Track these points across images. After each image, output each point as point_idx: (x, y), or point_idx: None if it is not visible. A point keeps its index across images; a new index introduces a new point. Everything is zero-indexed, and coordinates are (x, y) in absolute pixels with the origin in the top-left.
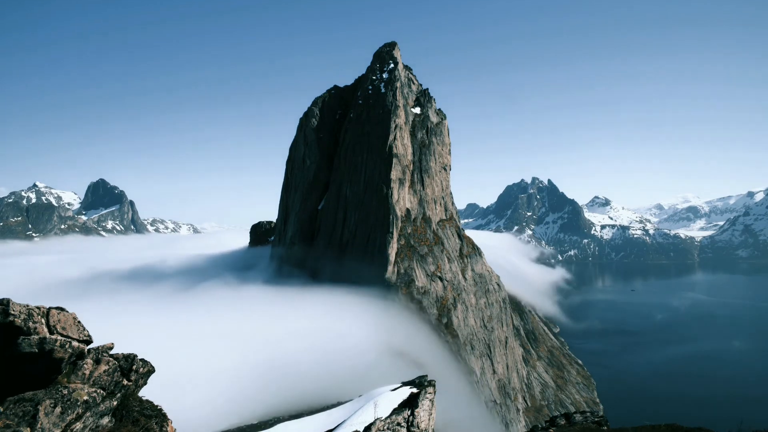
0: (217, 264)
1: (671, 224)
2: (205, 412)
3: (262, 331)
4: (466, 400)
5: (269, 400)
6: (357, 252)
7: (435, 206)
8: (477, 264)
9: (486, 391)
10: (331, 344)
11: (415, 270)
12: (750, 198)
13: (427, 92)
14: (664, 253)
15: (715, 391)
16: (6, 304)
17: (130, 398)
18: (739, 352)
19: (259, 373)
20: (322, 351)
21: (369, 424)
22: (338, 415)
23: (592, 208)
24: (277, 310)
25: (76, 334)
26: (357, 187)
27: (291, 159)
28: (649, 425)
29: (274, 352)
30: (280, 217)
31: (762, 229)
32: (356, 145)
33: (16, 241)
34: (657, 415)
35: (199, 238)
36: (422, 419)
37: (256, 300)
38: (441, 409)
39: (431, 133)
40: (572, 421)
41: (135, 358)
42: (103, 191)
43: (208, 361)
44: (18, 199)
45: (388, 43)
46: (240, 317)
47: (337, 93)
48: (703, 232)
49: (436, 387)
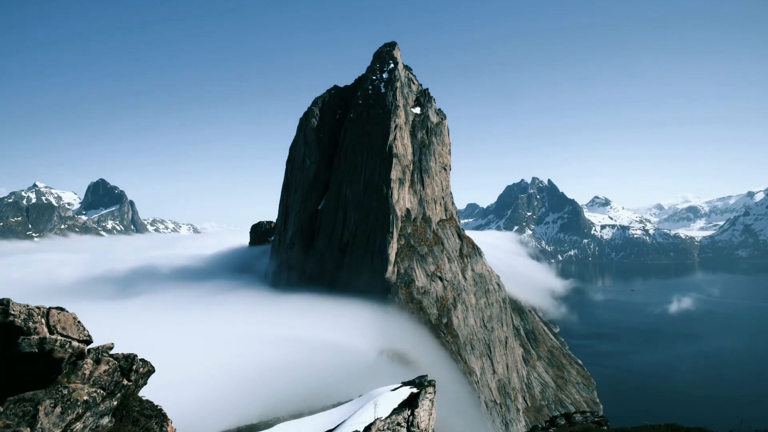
0: (216, 264)
1: (671, 224)
2: (204, 412)
3: (261, 332)
4: (466, 400)
5: (269, 400)
6: (357, 252)
7: (435, 206)
8: (477, 264)
9: (486, 391)
10: (331, 344)
11: (415, 270)
12: (750, 198)
13: (427, 92)
14: (664, 253)
15: (715, 391)
16: (6, 304)
17: (130, 398)
18: (740, 351)
19: (259, 373)
20: (322, 351)
21: (369, 424)
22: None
23: (592, 208)
24: (276, 310)
25: (76, 334)
26: (357, 187)
27: (291, 159)
28: (649, 425)
29: (273, 353)
30: (280, 217)
31: (762, 229)
32: (356, 145)
33: (18, 241)
34: (657, 415)
35: (199, 238)
36: (422, 419)
37: (255, 300)
38: (441, 409)
39: (431, 133)
40: (572, 421)
41: (135, 358)
42: (103, 191)
43: (208, 361)
44: (18, 199)
45: (388, 43)
46: (240, 317)
47: (337, 93)
48: (703, 232)
49: (436, 387)
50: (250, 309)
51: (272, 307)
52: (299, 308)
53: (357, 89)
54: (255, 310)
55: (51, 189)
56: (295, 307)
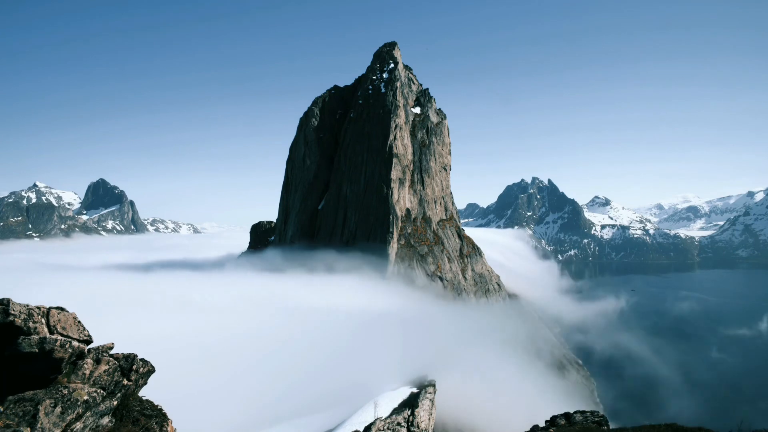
0: (215, 264)
1: (671, 224)
2: (205, 412)
3: (261, 332)
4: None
5: (269, 400)
6: (357, 252)
7: (435, 206)
8: (477, 264)
9: None
10: (330, 343)
11: (415, 270)
12: (750, 198)
13: (428, 92)
14: (664, 253)
15: (715, 391)
16: (6, 304)
17: (130, 398)
18: (740, 351)
19: (259, 372)
20: (321, 351)
21: (369, 424)
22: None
23: (592, 208)
24: (276, 310)
25: (76, 333)
26: (357, 187)
27: (291, 159)
28: (648, 425)
29: (273, 353)
30: (280, 217)
31: (762, 229)
32: (356, 145)
33: (18, 241)
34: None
35: (199, 238)
36: (422, 419)
37: (255, 301)
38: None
39: (431, 133)
40: (572, 421)
41: (135, 357)
42: (104, 191)
43: (207, 361)
44: (18, 199)
45: (389, 43)
46: (240, 318)
47: (338, 93)
48: (703, 231)
49: (436, 387)
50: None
51: (271, 308)
52: (299, 309)
53: (357, 89)
54: (254, 311)
55: (51, 189)
56: (295, 307)
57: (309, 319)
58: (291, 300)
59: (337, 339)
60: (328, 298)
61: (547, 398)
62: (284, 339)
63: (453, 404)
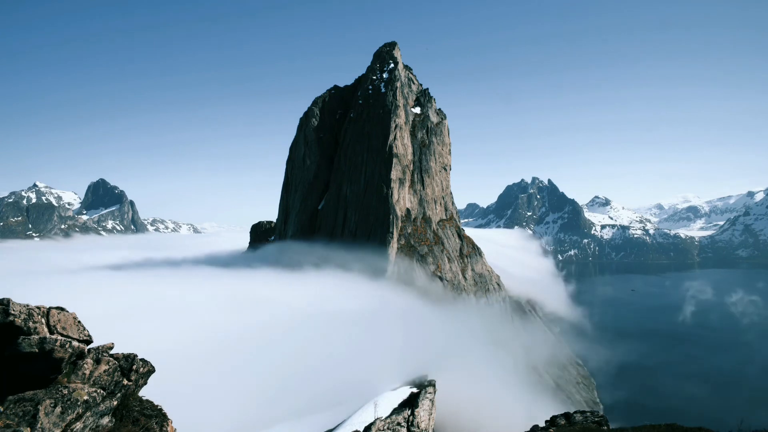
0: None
1: (671, 224)
2: (205, 412)
3: (261, 332)
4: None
5: (270, 400)
6: (357, 252)
7: (435, 206)
8: (477, 264)
9: None
10: (330, 343)
11: (415, 270)
12: (750, 198)
13: (428, 92)
14: (664, 253)
15: (715, 391)
16: (6, 304)
17: (130, 398)
18: (740, 351)
19: (260, 372)
20: (321, 351)
21: (369, 424)
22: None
23: (592, 208)
24: (275, 310)
25: (76, 333)
26: (357, 187)
27: (291, 159)
28: (649, 425)
29: (273, 353)
30: (280, 217)
31: (762, 229)
32: (356, 144)
33: (18, 241)
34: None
35: (199, 238)
36: (422, 419)
37: (255, 300)
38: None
39: (431, 133)
40: (572, 421)
41: (135, 357)
42: (104, 191)
43: (208, 361)
44: (18, 199)
45: (389, 43)
46: (240, 317)
47: (338, 93)
48: (703, 231)
49: (436, 387)
50: (249, 310)
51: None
52: (298, 308)
53: (357, 89)
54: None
55: (51, 189)
56: (295, 307)
57: (309, 318)
58: (291, 300)
59: (337, 339)
60: (328, 298)
61: (547, 398)
62: (284, 339)
63: (453, 404)
